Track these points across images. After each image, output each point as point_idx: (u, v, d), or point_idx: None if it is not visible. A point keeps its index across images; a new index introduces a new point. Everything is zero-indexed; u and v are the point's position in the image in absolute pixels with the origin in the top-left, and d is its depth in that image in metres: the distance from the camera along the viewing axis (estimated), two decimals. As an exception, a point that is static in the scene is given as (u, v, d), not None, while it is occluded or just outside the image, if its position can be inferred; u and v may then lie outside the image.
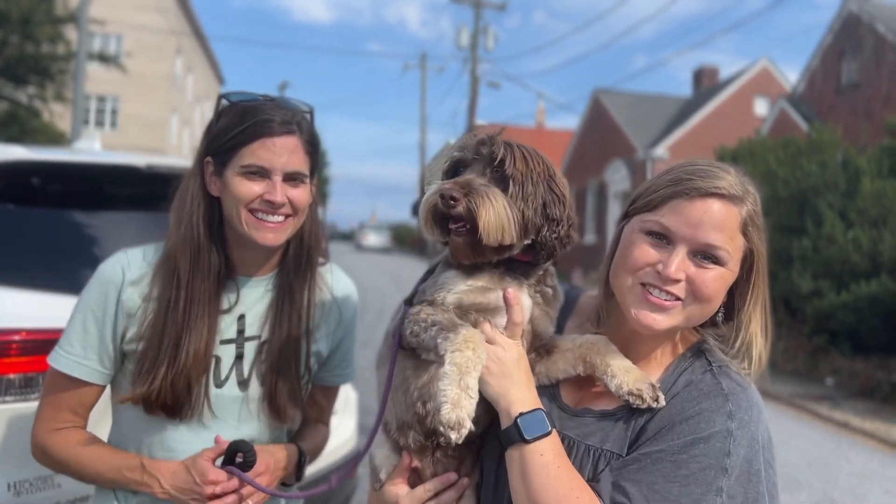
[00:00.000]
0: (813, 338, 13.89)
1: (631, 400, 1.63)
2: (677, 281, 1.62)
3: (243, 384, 2.17)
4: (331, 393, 2.52)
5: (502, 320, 1.71)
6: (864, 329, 12.78)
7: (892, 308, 12.10)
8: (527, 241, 1.70)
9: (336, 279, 2.42)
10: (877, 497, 7.73)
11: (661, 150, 31.46)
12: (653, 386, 1.64)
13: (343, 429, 4.33)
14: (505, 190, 1.66)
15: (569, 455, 1.63)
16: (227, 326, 2.17)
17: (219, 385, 2.14)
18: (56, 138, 26.26)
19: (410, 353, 1.74)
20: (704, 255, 1.62)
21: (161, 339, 2.05)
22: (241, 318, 2.20)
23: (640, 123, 33.89)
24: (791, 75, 31.69)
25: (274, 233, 2.09)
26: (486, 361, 1.61)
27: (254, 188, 2.04)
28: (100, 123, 44.40)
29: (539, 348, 1.83)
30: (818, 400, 12.04)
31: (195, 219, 2.10)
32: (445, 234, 1.70)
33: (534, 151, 1.74)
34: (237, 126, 2.05)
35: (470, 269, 1.74)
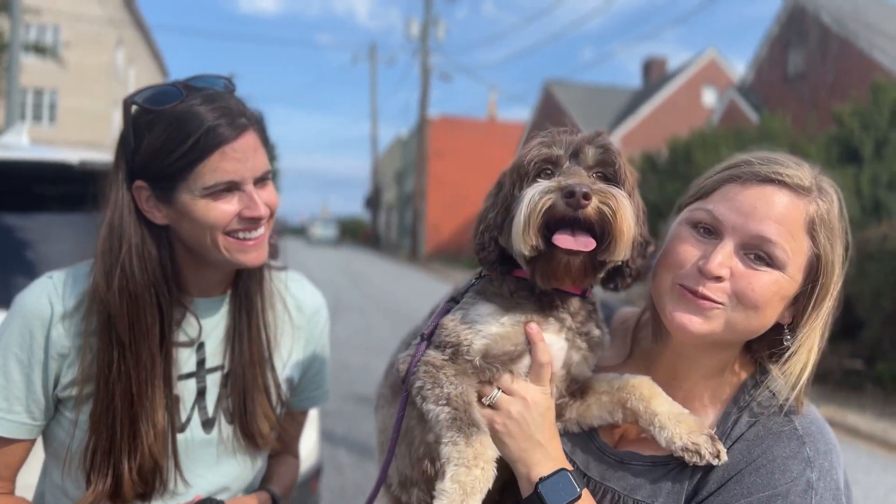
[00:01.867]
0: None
1: (686, 457, 1.38)
2: (719, 279, 1.39)
3: (208, 424, 1.86)
4: (300, 418, 2.23)
5: (524, 365, 1.50)
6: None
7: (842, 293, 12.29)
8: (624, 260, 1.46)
9: (302, 290, 2.13)
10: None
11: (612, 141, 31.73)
12: (711, 438, 1.38)
13: (304, 441, 4.05)
14: None
15: None
16: (186, 359, 1.85)
17: (180, 429, 1.82)
18: (-11, 133, 25.02)
19: None
20: (757, 254, 1.39)
21: (112, 420, 1.71)
22: (201, 347, 1.88)
23: (592, 114, 34.13)
24: (738, 66, 32.26)
25: (258, 249, 1.79)
26: (505, 420, 1.44)
27: (228, 209, 1.71)
28: (37, 118, 42.75)
29: (573, 392, 1.59)
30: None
31: (132, 266, 1.73)
32: (547, 245, 1.39)
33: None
34: (181, 142, 1.67)
35: (508, 304, 1.51)
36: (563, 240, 1.36)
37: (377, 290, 23.94)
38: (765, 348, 1.50)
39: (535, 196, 1.37)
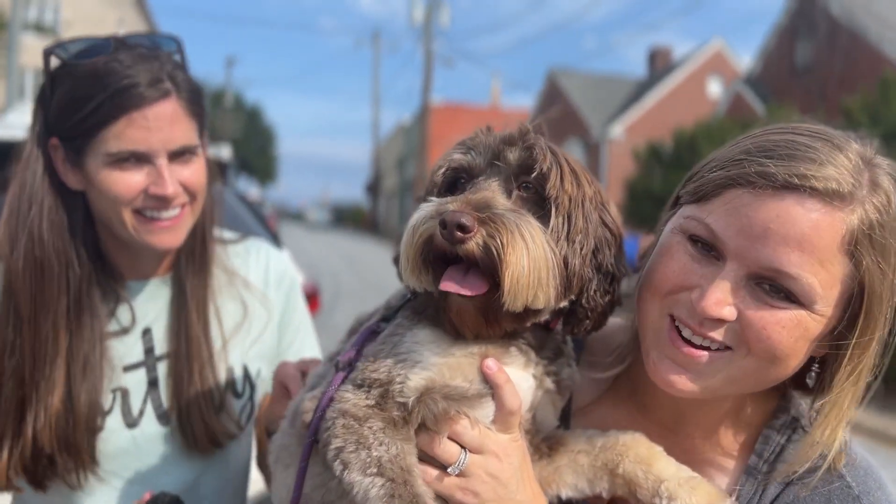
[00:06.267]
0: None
1: None
2: (718, 321, 1.10)
3: (164, 418, 1.71)
4: None
5: (486, 411, 1.17)
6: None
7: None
8: (563, 304, 1.16)
9: (265, 258, 1.94)
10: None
11: (617, 131, 31.50)
12: None
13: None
14: (543, 221, 1.12)
15: None
16: (130, 348, 1.71)
17: (132, 424, 1.68)
18: (-12, 113, 24.88)
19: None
20: (773, 284, 1.09)
21: None
22: (147, 332, 1.74)
23: (596, 103, 33.91)
24: (744, 57, 32.04)
25: (171, 232, 1.62)
26: (477, 487, 1.13)
27: (132, 181, 1.55)
28: (37, 97, 42.43)
29: (536, 445, 1.29)
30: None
31: (40, 230, 1.58)
32: (437, 282, 1.11)
33: (582, 166, 1.21)
34: (88, 99, 1.51)
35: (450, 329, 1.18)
36: (446, 280, 1.08)
37: (377, 276, 23.78)
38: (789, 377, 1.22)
39: (416, 223, 1.11)
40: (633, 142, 25.26)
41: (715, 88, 32.72)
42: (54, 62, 1.59)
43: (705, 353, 1.12)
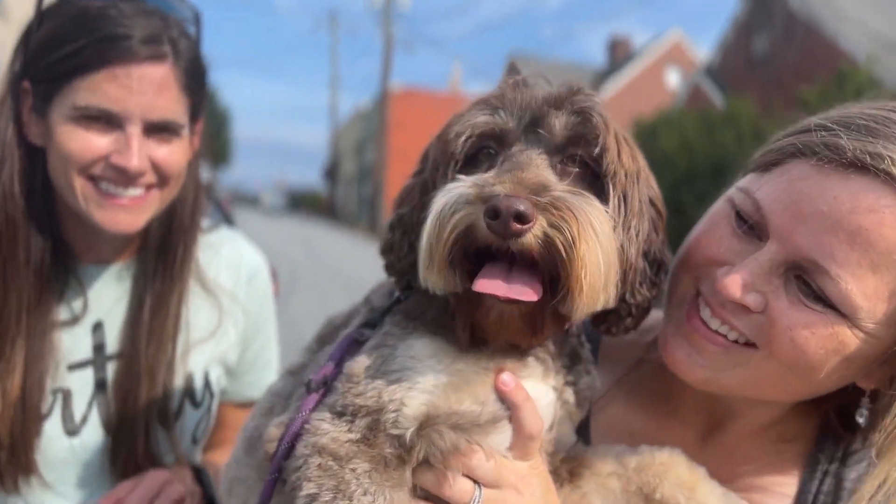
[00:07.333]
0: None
1: None
2: (741, 308, 0.94)
3: (108, 426, 1.49)
4: (248, 411, 1.82)
5: (502, 437, 0.97)
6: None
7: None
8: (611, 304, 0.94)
9: (237, 252, 1.73)
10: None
11: (576, 119, 31.73)
12: None
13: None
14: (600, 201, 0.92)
15: None
16: (77, 343, 1.48)
17: (72, 431, 1.45)
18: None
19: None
20: (810, 280, 0.91)
21: None
22: (98, 327, 1.51)
23: (556, 91, 34.09)
24: (702, 47, 32.43)
25: (129, 213, 1.40)
26: None
27: (93, 143, 1.34)
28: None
29: (556, 467, 1.10)
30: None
31: (10, 184, 1.38)
32: (468, 280, 0.90)
33: (626, 133, 1.00)
34: (70, 40, 1.31)
35: (456, 337, 0.98)
36: (487, 283, 0.86)
37: (335, 263, 23.46)
38: (833, 399, 1.05)
39: (446, 208, 0.88)
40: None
41: (673, 79, 33.04)
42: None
43: (720, 339, 0.96)
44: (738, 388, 1.01)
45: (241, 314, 1.69)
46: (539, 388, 1.00)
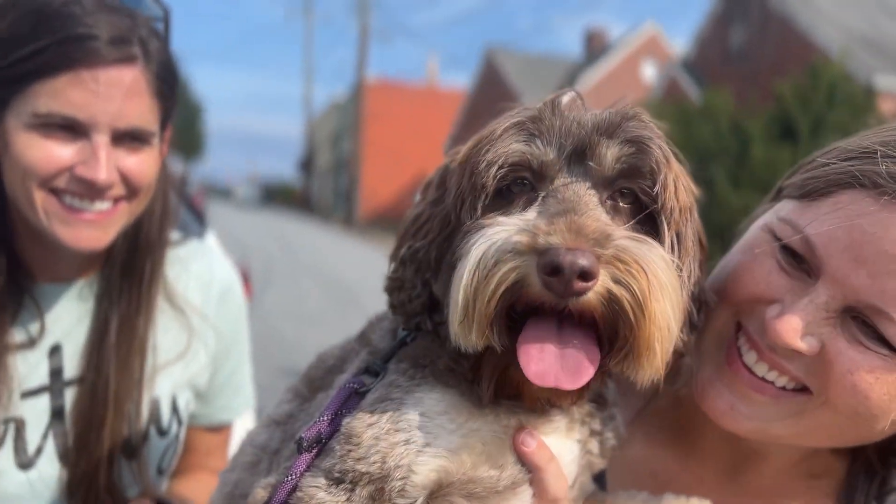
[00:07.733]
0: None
1: None
2: (797, 352, 0.85)
3: (67, 458, 1.36)
4: (220, 435, 1.69)
5: (522, 502, 0.86)
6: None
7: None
8: None
9: (208, 268, 1.60)
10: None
11: (552, 112, 31.78)
12: None
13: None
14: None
15: None
16: (31, 368, 1.36)
17: (26, 465, 1.33)
18: None
19: None
20: (870, 323, 0.83)
21: None
22: (56, 350, 1.39)
23: (533, 84, 34.00)
24: (678, 40, 32.59)
25: (96, 229, 1.28)
26: None
27: (55, 154, 1.22)
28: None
29: None
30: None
31: None
32: (507, 339, 0.78)
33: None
34: (29, 40, 1.18)
35: (475, 391, 0.86)
36: (531, 346, 0.76)
37: (310, 256, 23.25)
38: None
39: (488, 257, 0.76)
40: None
41: (649, 72, 33.18)
42: None
43: (769, 387, 0.87)
44: (790, 439, 0.93)
45: (212, 334, 1.58)
46: (563, 445, 0.89)
